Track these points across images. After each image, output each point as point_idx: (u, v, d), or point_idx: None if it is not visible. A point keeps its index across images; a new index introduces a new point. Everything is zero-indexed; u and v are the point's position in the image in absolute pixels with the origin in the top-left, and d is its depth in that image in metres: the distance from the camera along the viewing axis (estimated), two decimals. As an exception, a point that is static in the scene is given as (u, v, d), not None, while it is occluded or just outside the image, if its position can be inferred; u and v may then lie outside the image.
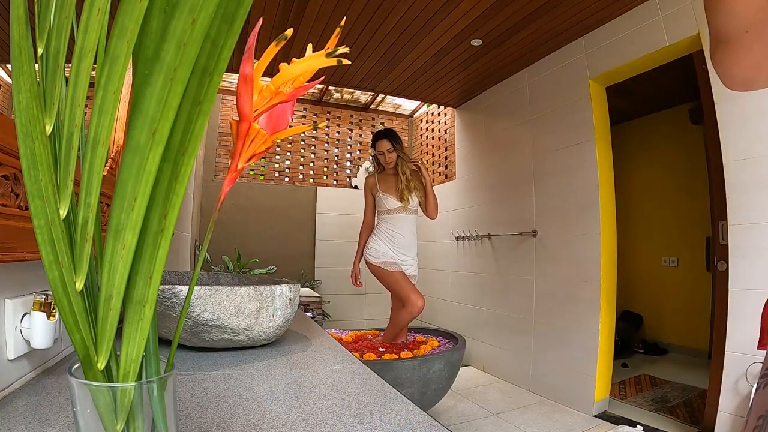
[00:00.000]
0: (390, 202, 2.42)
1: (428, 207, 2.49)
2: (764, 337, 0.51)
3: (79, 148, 0.20)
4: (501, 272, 3.09)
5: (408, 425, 0.44)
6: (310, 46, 0.28)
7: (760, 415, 0.45)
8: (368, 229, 2.54)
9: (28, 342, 0.50)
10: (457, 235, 3.57)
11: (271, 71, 0.25)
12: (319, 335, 0.90)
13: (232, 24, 0.17)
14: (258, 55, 0.23)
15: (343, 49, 0.24)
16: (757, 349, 0.53)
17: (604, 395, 2.38)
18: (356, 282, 2.61)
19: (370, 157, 4.43)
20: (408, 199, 2.42)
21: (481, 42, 2.57)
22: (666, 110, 3.82)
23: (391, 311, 2.57)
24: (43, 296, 0.52)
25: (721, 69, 0.41)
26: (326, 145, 4.31)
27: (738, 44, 0.38)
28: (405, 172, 2.44)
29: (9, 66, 0.49)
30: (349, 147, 4.42)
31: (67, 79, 0.19)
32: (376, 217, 2.53)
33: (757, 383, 0.48)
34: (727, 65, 0.40)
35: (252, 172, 4.02)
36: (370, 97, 4.23)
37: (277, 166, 4.10)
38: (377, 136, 2.48)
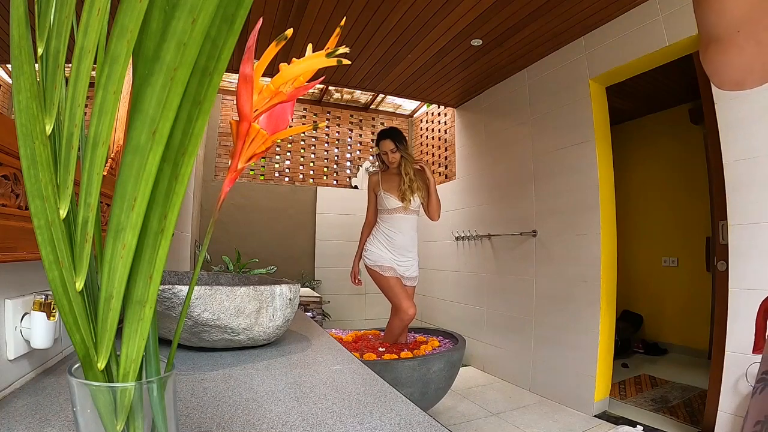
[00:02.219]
0: (391, 201, 2.42)
1: (431, 208, 2.49)
2: (758, 342, 0.51)
3: (79, 148, 0.20)
4: (501, 272, 3.09)
5: (408, 425, 0.44)
6: (310, 46, 0.28)
7: (758, 420, 0.45)
8: (369, 227, 2.53)
9: (28, 342, 0.50)
10: (457, 235, 3.57)
11: (271, 71, 0.25)
12: (319, 335, 0.90)
13: (232, 24, 0.17)
14: (258, 55, 0.23)
15: (343, 49, 0.24)
16: (752, 353, 0.53)
17: (604, 395, 2.38)
18: (355, 280, 2.60)
19: (371, 157, 4.43)
20: (410, 200, 2.42)
21: (481, 42, 2.57)
22: (666, 110, 3.82)
23: (390, 313, 2.57)
24: (43, 296, 0.52)
25: (712, 68, 0.40)
26: (326, 145, 4.31)
27: (729, 44, 0.37)
28: (408, 172, 2.43)
29: (9, 66, 0.49)
30: (349, 147, 4.42)
31: (67, 79, 0.19)
32: (377, 217, 2.53)
33: (754, 387, 0.48)
34: (717, 65, 0.39)
35: (252, 172, 4.02)
36: (370, 97, 4.23)
37: (277, 166, 4.10)
38: (381, 136, 2.48)
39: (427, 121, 4.35)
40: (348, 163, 4.41)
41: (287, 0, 2.18)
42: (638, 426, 2.06)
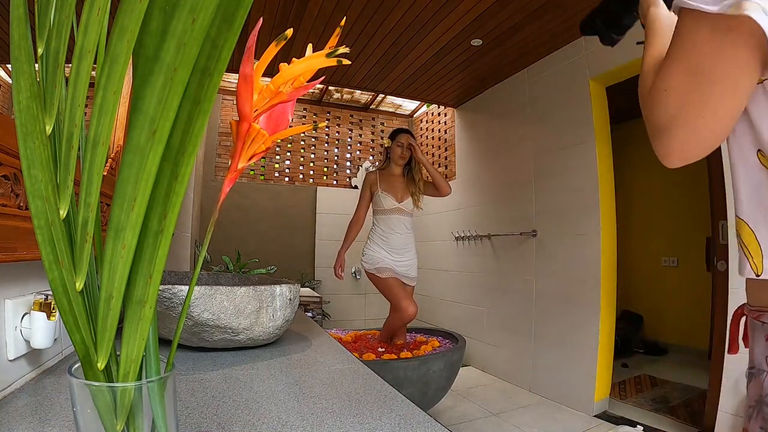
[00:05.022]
0: (388, 201, 2.42)
1: (438, 184, 2.45)
2: (733, 345, 0.58)
3: (79, 148, 0.20)
4: (501, 272, 3.09)
5: (408, 425, 0.44)
6: (310, 46, 0.28)
7: (749, 405, 0.52)
8: (358, 224, 2.49)
9: (28, 342, 0.50)
10: (457, 235, 3.57)
11: (271, 71, 0.25)
12: (319, 335, 0.90)
13: (232, 24, 0.17)
14: (258, 55, 0.23)
15: (343, 49, 0.24)
16: (727, 353, 0.60)
17: (604, 395, 2.38)
18: (340, 271, 2.49)
19: (371, 157, 4.43)
20: (415, 201, 2.44)
21: (481, 42, 2.57)
22: (666, 110, 3.82)
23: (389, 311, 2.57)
24: (43, 296, 0.52)
25: (662, 152, 0.49)
26: (326, 145, 4.31)
27: (672, 132, 0.47)
28: (419, 170, 2.46)
29: (9, 66, 0.49)
30: (349, 147, 4.42)
31: (67, 79, 0.19)
32: (372, 218, 2.52)
33: (747, 380, 0.55)
34: (666, 150, 0.48)
35: (252, 172, 4.02)
36: (370, 97, 4.23)
37: (277, 166, 4.10)
38: (399, 130, 2.50)
39: (427, 121, 4.35)
40: (348, 163, 4.41)
41: (287, 0, 2.18)
42: (638, 426, 2.06)
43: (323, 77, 2.66)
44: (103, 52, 0.19)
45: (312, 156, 4.25)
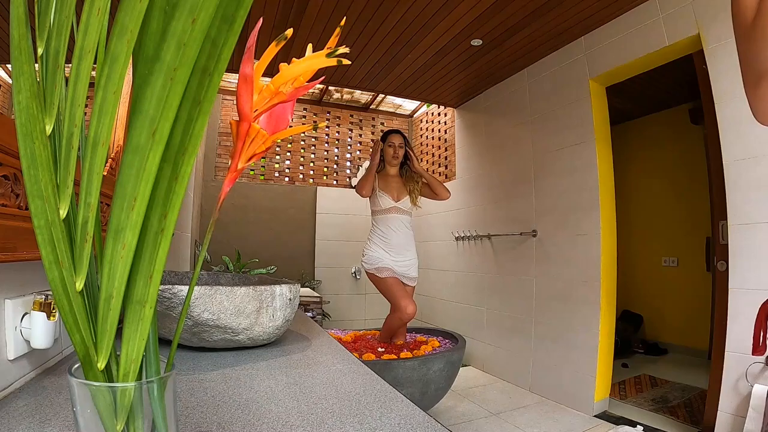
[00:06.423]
0: (385, 200, 2.42)
1: (437, 192, 2.48)
2: (757, 344, 0.53)
3: (79, 148, 0.20)
4: (501, 272, 3.09)
5: (408, 425, 0.44)
6: (310, 46, 0.28)
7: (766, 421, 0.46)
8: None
9: (28, 342, 0.50)
10: (457, 235, 3.57)
11: (271, 71, 0.25)
12: (319, 335, 0.90)
13: (232, 24, 0.17)
14: (258, 55, 0.23)
15: (343, 49, 0.24)
16: (752, 355, 0.55)
17: (604, 395, 2.38)
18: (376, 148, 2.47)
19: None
20: (412, 200, 2.44)
21: (481, 42, 2.57)
22: (666, 110, 3.82)
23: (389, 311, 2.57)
24: (43, 296, 0.52)
25: (763, 104, 0.38)
26: (326, 145, 4.31)
27: None
28: (416, 169, 2.46)
29: (9, 66, 0.49)
30: (349, 147, 4.42)
31: (67, 79, 0.19)
32: (371, 218, 2.53)
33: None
34: (765, 106, 0.37)
35: (252, 172, 4.02)
36: (370, 97, 4.23)
37: (277, 166, 4.10)
38: (390, 131, 2.50)
39: (427, 121, 4.35)
40: (348, 163, 4.41)
41: (287, 0, 2.18)
42: (638, 426, 2.06)
43: (323, 77, 2.66)
44: (103, 52, 0.19)
45: (312, 156, 4.25)
